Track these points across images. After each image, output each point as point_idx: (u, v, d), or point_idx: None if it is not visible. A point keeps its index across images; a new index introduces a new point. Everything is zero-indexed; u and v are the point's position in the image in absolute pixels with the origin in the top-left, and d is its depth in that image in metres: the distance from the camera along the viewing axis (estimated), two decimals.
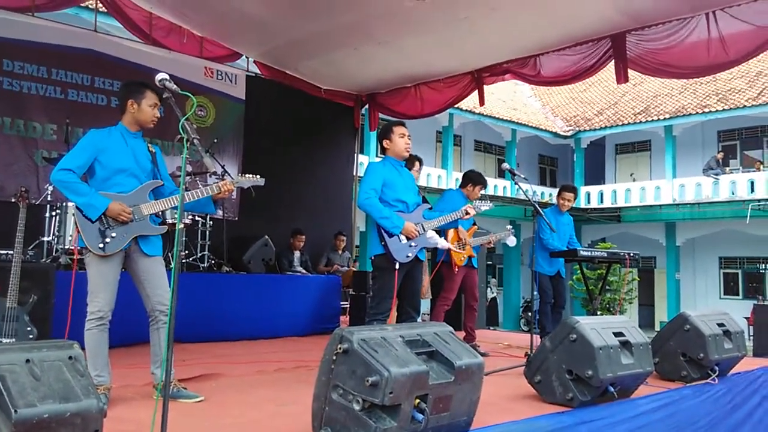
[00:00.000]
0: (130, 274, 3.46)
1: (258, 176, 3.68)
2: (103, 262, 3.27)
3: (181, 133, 2.54)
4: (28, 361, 1.79)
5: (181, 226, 2.40)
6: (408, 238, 4.25)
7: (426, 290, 5.51)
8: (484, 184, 5.97)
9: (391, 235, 4.21)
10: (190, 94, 2.49)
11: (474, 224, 6.05)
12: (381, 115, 8.85)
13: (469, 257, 5.94)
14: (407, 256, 4.27)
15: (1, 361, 1.75)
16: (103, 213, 3.24)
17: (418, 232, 4.31)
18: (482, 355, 5.24)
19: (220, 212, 7.52)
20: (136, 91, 3.46)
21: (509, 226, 5.97)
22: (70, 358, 1.88)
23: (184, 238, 6.37)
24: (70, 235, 5.80)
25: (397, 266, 4.21)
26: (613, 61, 6.24)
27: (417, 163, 5.60)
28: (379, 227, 4.24)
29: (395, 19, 6.47)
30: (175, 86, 2.69)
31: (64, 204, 5.83)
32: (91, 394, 1.80)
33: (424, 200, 4.67)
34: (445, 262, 5.90)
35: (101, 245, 3.24)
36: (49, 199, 5.98)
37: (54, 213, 5.89)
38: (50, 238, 5.87)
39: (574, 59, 6.51)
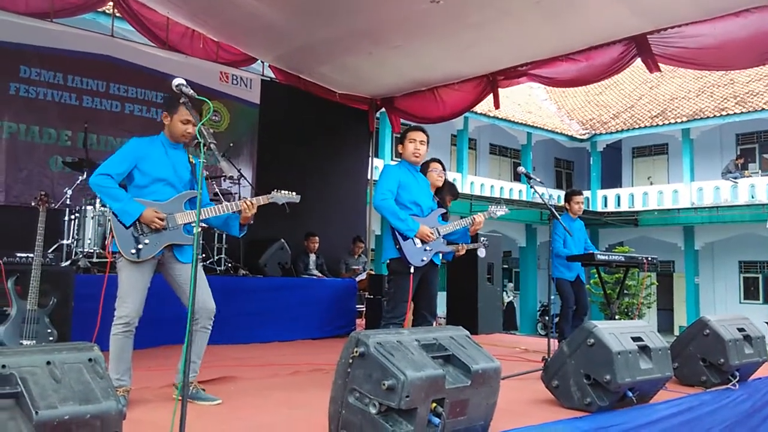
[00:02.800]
0: (167, 279, 3.50)
1: (294, 193, 3.67)
2: (135, 268, 3.32)
3: (198, 137, 2.56)
4: (48, 363, 1.81)
5: (199, 230, 2.41)
6: (423, 242, 4.24)
7: None
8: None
9: (405, 239, 4.20)
10: (206, 99, 2.51)
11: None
12: (402, 120, 8.84)
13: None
14: (422, 260, 4.25)
15: (22, 363, 1.77)
16: (137, 219, 3.28)
17: (434, 235, 4.29)
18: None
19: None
20: (171, 104, 3.50)
21: (485, 241, 5.89)
22: (90, 360, 1.90)
23: (201, 242, 6.41)
24: (89, 239, 5.87)
25: (411, 270, 4.19)
26: (639, 59, 6.16)
27: (439, 165, 5.48)
28: (394, 231, 4.23)
29: (408, 23, 6.48)
30: (191, 91, 2.72)
31: (83, 208, 5.90)
32: (111, 396, 1.81)
33: (440, 205, 4.65)
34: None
35: (134, 251, 3.28)
36: (68, 203, 6.05)
37: (73, 217, 5.96)
38: (69, 241, 5.94)
39: (593, 61, 6.46)
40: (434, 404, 2.57)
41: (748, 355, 4.46)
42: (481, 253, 5.92)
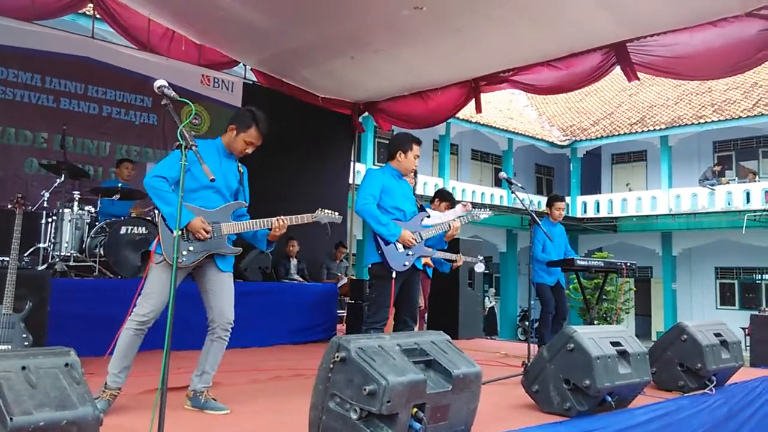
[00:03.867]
0: (198, 283, 3.48)
1: (336, 213, 3.68)
2: (168, 272, 3.25)
3: (179, 140, 2.54)
4: (24, 368, 1.77)
5: (179, 233, 2.39)
6: (405, 247, 4.24)
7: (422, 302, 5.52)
8: (450, 202, 5.92)
9: (387, 243, 4.20)
10: (188, 102, 2.49)
11: None
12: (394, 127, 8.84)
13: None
14: (404, 265, 4.25)
15: None
16: (184, 226, 3.25)
17: (416, 240, 4.29)
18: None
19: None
20: (242, 121, 3.49)
21: (481, 258, 5.96)
22: (67, 365, 1.87)
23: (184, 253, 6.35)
24: (66, 242, 5.80)
25: (393, 275, 4.19)
26: (618, 67, 6.24)
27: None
28: (376, 236, 4.23)
29: (392, 28, 6.50)
30: (173, 93, 2.69)
31: (60, 211, 5.82)
32: (87, 401, 1.78)
33: (422, 209, 4.65)
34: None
35: (179, 258, 3.23)
36: (45, 205, 5.97)
37: (50, 219, 5.89)
38: (46, 244, 5.86)
39: (573, 69, 6.52)
40: (415, 409, 2.56)
41: (724, 360, 4.52)
42: (479, 268, 5.97)
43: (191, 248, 3.29)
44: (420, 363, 2.73)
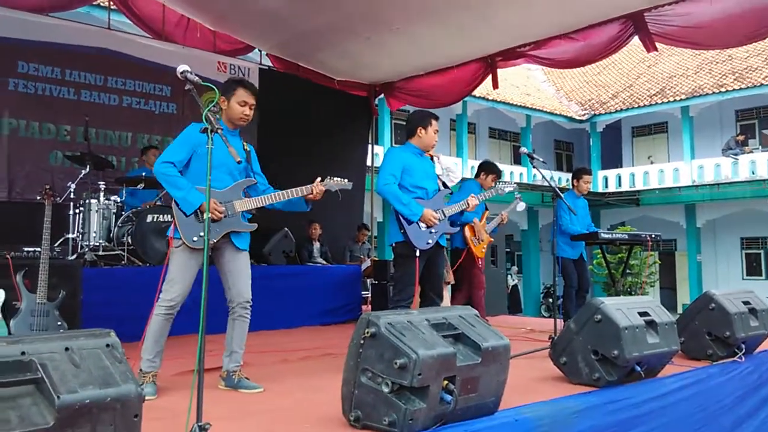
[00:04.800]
0: (217, 264, 3.54)
1: (346, 180, 3.71)
2: (190, 254, 3.35)
3: (206, 123, 2.57)
4: (67, 349, 1.83)
5: (209, 216, 2.43)
6: (428, 225, 4.26)
7: (450, 277, 5.54)
8: (497, 173, 5.97)
9: (410, 222, 4.22)
10: (213, 86, 2.51)
11: (486, 209, 6.05)
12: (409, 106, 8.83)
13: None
14: (428, 243, 4.27)
15: (41, 350, 1.79)
16: (197, 209, 3.31)
17: (438, 219, 4.30)
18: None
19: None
20: (227, 88, 3.53)
21: (517, 195, 5.98)
22: (108, 345, 1.92)
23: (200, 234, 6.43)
24: (94, 232, 5.90)
25: (417, 253, 4.21)
26: (636, 36, 6.15)
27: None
28: (398, 214, 4.25)
29: (406, 6, 6.46)
30: (196, 77, 2.72)
31: (87, 201, 5.91)
32: (130, 379, 1.84)
33: (445, 186, 4.66)
34: (468, 256, 5.95)
35: (196, 238, 3.32)
36: (72, 197, 6.07)
37: (78, 210, 5.98)
38: (75, 235, 5.96)
39: (591, 40, 6.44)
40: (446, 382, 2.60)
41: (753, 328, 4.50)
42: (520, 207, 6.05)
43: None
44: (449, 337, 2.76)
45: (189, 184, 3.36)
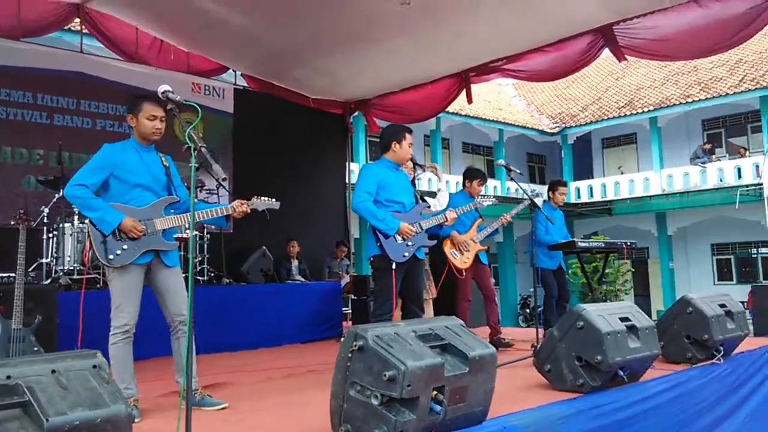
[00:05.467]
0: (150, 287, 3.49)
1: (273, 199, 3.68)
2: (126, 276, 3.31)
3: (188, 142, 2.57)
4: (54, 371, 1.80)
5: (194, 233, 2.42)
6: (404, 238, 4.27)
7: (433, 292, 5.52)
8: (481, 178, 6.01)
9: (387, 236, 4.23)
10: (195, 105, 2.51)
11: (479, 218, 6.04)
12: (378, 120, 8.86)
13: (476, 253, 5.92)
14: (404, 256, 4.26)
15: (27, 373, 1.76)
16: (116, 227, 3.26)
17: (415, 231, 4.32)
18: (508, 345, 5.52)
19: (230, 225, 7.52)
20: (132, 105, 3.48)
21: (535, 194, 5.97)
22: (95, 366, 1.90)
23: (181, 253, 6.36)
24: (69, 256, 5.80)
25: (393, 266, 4.21)
26: (606, 49, 6.29)
27: (410, 163, 5.54)
28: (374, 228, 4.26)
29: (379, 25, 6.52)
30: (178, 97, 2.72)
31: (60, 225, 5.83)
32: (119, 400, 1.82)
33: (422, 199, 4.69)
34: (450, 269, 5.95)
35: (112, 257, 3.27)
36: (45, 221, 5.97)
37: (51, 235, 5.89)
38: (48, 259, 5.87)
39: (563, 54, 6.56)
40: (434, 392, 2.60)
41: (730, 330, 4.59)
42: (539, 200, 6.01)
43: (125, 247, 3.30)
44: (436, 347, 2.77)
45: (105, 203, 3.31)
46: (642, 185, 21.02)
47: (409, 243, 4.29)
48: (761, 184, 16.26)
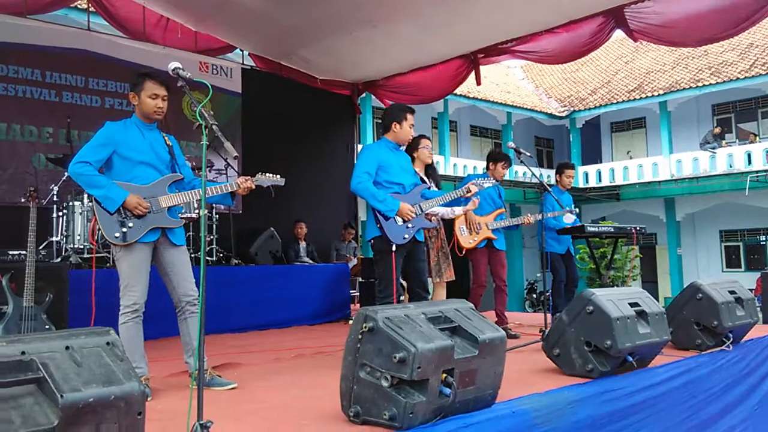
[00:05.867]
0: (157, 266, 3.48)
1: (278, 176, 3.65)
2: (133, 254, 3.30)
3: (199, 119, 2.55)
4: (67, 348, 1.81)
5: (205, 212, 2.41)
6: (404, 220, 4.24)
7: (450, 274, 5.43)
8: (506, 161, 5.88)
9: (387, 218, 4.20)
10: (206, 82, 2.49)
11: (500, 208, 5.97)
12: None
13: (489, 240, 5.80)
14: (404, 238, 4.23)
15: (41, 349, 1.76)
16: (120, 205, 3.25)
17: (415, 213, 4.28)
18: (513, 336, 5.29)
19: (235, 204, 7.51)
20: (135, 83, 3.45)
21: (571, 206, 5.91)
22: (108, 344, 1.90)
23: (190, 233, 6.37)
24: (78, 234, 5.82)
25: (393, 248, 4.18)
26: (616, 32, 6.22)
27: (429, 142, 5.43)
28: (374, 210, 4.23)
29: (388, 3, 6.47)
30: (189, 74, 2.70)
31: (70, 204, 5.84)
32: (132, 377, 1.82)
33: (423, 181, 4.63)
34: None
35: (118, 234, 3.27)
36: (55, 199, 5.99)
37: (61, 213, 5.91)
38: (59, 238, 5.89)
39: (573, 35, 6.49)
40: (444, 375, 2.60)
41: (740, 317, 4.56)
42: (568, 218, 5.97)
43: (130, 225, 3.29)
44: (446, 330, 2.76)
45: (109, 181, 3.30)
46: (651, 170, 20.88)
47: (409, 225, 4.25)
48: None
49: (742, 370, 4.44)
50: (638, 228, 6.09)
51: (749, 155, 18.76)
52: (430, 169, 5.29)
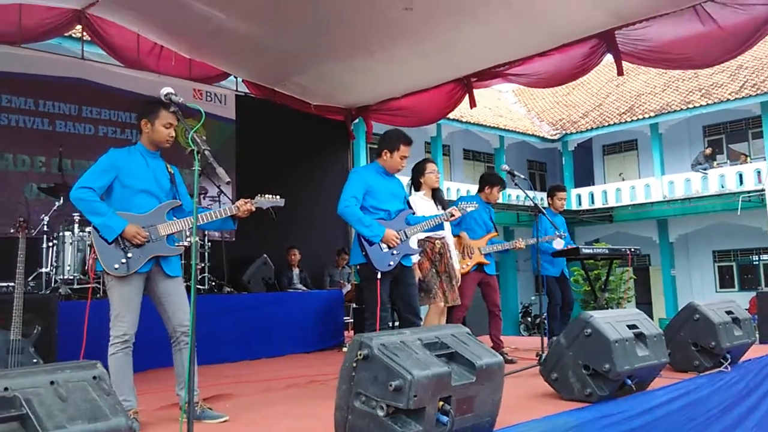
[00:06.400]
0: (150, 296, 3.42)
1: (278, 196, 3.61)
2: (125, 285, 3.25)
3: (191, 145, 2.52)
4: (52, 383, 1.75)
5: (197, 239, 2.37)
6: (389, 247, 4.19)
7: (456, 297, 5.30)
8: (501, 185, 5.85)
9: (371, 244, 4.15)
10: (199, 108, 2.47)
11: (492, 231, 5.93)
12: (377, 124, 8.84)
13: (480, 264, 5.76)
14: (389, 265, 4.18)
15: (25, 385, 1.71)
16: (119, 235, 3.21)
17: (400, 239, 4.24)
18: (510, 362, 5.15)
19: (217, 233, 7.45)
20: (149, 110, 3.41)
21: (558, 234, 5.86)
22: (95, 377, 1.85)
23: (183, 262, 6.31)
24: (69, 265, 5.75)
25: (378, 275, 4.13)
26: (609, 55, 6.26)
27: (435, 166, 5.38)
28: (359, 236, 4.18)
29: (382, 30, 6.50)
30: (181, 99, 2.68)
31: (61, 234, 5.78)
32: (119, 412, 1.76)
33: (408, 206, 4.59)
34: None
35: (117, 266, 3.21)
36: (45, 230, 5.93)
37: (51, 244, 5.84)
38: (48, 269, 5.82)
39: (564, 58, 6.54)
40: (441, 402, 2.55)
41: (737, 337, 4.53)
42: (557, 244, 5.90)
43: (130, 255, 3.23)
44: (442, 356, 2.72)
45: (110, 209, 3.25)
46: (643, 192, 20.98)
47: (394, 252, 4.20)
48: (763, 191, 16.26)
49: (740, 391, 4.39)
50: (633, 249, 6.07)
51: (741, 176, 18.88)
52: (437, 193, 5.25)
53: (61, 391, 1.74)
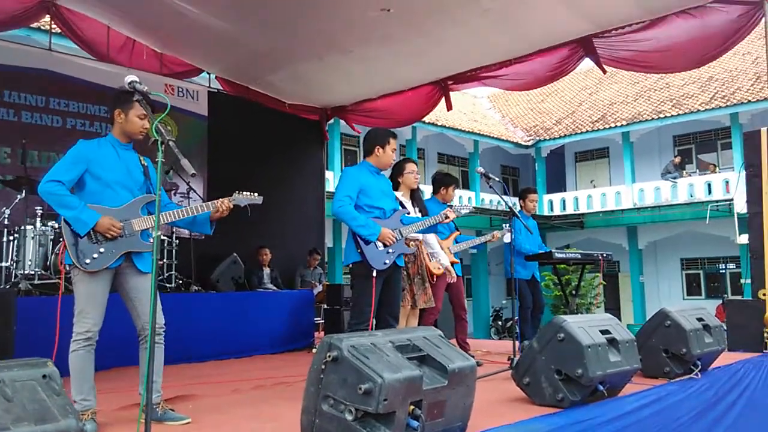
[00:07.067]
0: (119, 292, 3.28)
1: (256, 194, 3.49)
2: (93, 280, 3.10)
3: (155, 135, 2.41)
4: None
5: (159, 233, 2.27)
6: (385, 245, 4.15)
7: (428, 299, 5.22)
8: (455, 184, 5.84)
9: (367, 242, 4.11)
10: (163, 95, 2.37)
11: (456, 230, 5.90)
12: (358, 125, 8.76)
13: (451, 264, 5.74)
14: (385, 263, 4.15)
15: None
16: (92, 228, 3.07)
17: (396, 238, 4.21)
18: (477, 365, 5.12)
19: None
20: (123, 100, 3.26)
21: (506, 225, 5.83)
22: (44, 376, 1.73)
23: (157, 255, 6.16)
24: (30, 260, 5.56)
25: (374, 273, 4.09)
26: (582, 63, 6.29)
27: (414, 166, 5.30)
28: (355, 234, 4.14)
29: (359, 29, 6.44)
30: (146, 88, 2.56)
31: (22, 228, 5.59)
32: (70, 414, 1.66)
33: (402, 206, 4.57)
34: None
35: (88, 261, 3.06)
36: (6, 223, 5.73)
37: (12, 237, 5.65)
38: (8, 263, 5.62)
39: (541, 62, 6.54)
40: (412, 407, 2.48)
41: (708, 344, 4.53)
42: (507, 238, 5.85)
43: (102, 250, 3.10)
44: (414, 359, 2.65)
45: (81, 202, 3.12)
46: (614, 199, 21.24)
47: (390, 250, 4.17)
48: (731, 200, 16.52)
49: (710, 399, 4.39)
50: (605, 255, 6.08)
51: (709, 185, 19.20)
52: (415, 194, 5.18)
53: (6, 390, 1.62)
